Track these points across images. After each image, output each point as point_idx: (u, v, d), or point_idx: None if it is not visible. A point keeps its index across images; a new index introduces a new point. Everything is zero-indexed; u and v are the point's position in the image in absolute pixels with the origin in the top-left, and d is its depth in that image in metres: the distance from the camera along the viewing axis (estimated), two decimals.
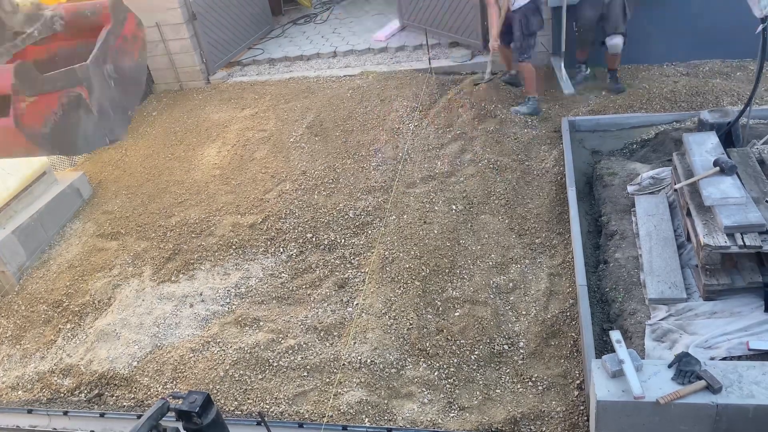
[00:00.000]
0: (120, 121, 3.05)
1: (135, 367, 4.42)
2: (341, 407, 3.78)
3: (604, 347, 3.73)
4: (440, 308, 4.38)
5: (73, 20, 3.00)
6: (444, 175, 5.76)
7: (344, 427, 3.66)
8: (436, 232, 5.05)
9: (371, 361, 4.05)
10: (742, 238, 3.51)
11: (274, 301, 4.71)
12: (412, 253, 4.88)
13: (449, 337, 4.13)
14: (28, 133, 2.38)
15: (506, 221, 5.08)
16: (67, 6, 3.06)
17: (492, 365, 3.94)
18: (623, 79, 6.65)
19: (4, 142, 2.63)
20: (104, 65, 2.91)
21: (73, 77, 2.69)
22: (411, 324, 4.28)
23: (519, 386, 3.78)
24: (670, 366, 2.96)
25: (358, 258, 4.97)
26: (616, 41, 6.31)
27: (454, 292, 4.48)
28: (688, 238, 4.00)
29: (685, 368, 2.91)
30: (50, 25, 2.94)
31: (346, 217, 5.42)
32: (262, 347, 4.31)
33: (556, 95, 6.67)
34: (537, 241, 4.83)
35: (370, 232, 5.24)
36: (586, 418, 3.47)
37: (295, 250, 5.19)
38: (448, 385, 3.85)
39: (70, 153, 3.21)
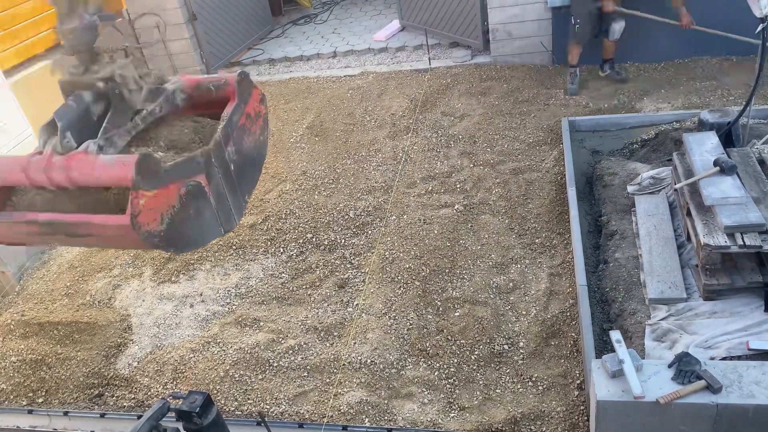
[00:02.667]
0: (236, 207, 2.72)
1: (135, 367, 4.42)
2: (341, 407, 3.78)
3: (604, 347, 3.73)
4: (440, 308, 4.38)
5: (195, 95, 2.73)
6: (444, 175, 5.76)
7: (344, 428, 3.66)
8: (436, 232, 5.06)
9: (371, 361, 4.05)
10: (742, 238, 3.51)
11: (274, 302, 4.71)
12: (412, 253, 4.88)
13: (449, 337, 4.13)
14: (143, 232, 2.08)
15: (506, 221, 5.08)
16: (190, 79, 2.78)
17: (492, 365, 3.94)
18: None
19: (117, 240, 2.36)
20: (226, 148, 2.60)
21: (196, 165, 2.38)
22: (411, 324, 4.28)
23: (519, 386, 3.78)
24: (670, 366, 2.96)
25: (358, 258, 4.97)
26: (621, 24, 6.22)
27: (454, 292, 4.48)
28: (688, 238, 3.99)
29: (685, 368, 2.90)
30: (172, 101, 2.65)
31: (346, 217, 5.43)
32: (262, 347, 4.31)
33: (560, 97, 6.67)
34: (537, 241, 4.83)
35: (370, 232, 5.24)
36: (586, 418, 3.47)
37: (295, 251, 5.19)
38: (448, 385, 3.85)
39: (185, 250, 2.79)
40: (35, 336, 4.77)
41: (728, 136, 4.46)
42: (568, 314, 4.13)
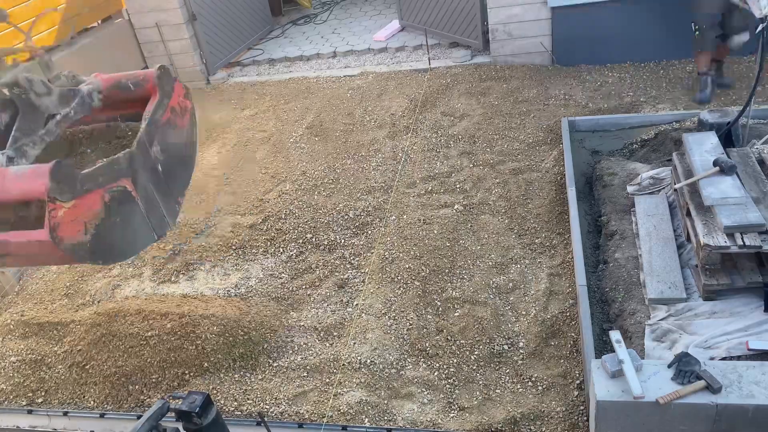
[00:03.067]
0: (168, 210, 2.56)
1: (135, 366, 4.41)
2: (341, 407, 3.78)
3: (603, 347, 3.73)
4: (440, 308, 4.38)
5: (113, 94, 2.57)
6: (444, 175, 5.76)
7: (344, 428, 3.66)
8: (435, 232, 5.06)
9: (371, 361, 4.05)
10: (742, 238, 3.51)
11: (273, 302, 4.71)
12: (412, 253, 4.88)
13: (449, 337, 4.13)
14: (65, 245, 1.95)
15: (506, 221, 5.09)
16: (106, 78, 2.61)
17: (492, 365, 3.94)
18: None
19: (40, 258, 2.19)
20: (151, 147, 2.43)
21: (118, 169, 2.21)
22: (411, 324, 4.28)
23: (519, 386, 3.78)
24: (669, 366, 2.96)
25: (358, 258, 4.97)
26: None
27: (454, 293, 4.48)
28: (688, 238, 3.99)
29: (684, 368, 2.90)
30: (88, 103, 2.49)
31: (346, 217, 5.43)
32: (262, 347, 4.31)
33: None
34: (537, 241, 4.83)
35: (370, 232, 5.24)
36: (585, 418, 3.47)
37: (295, 251, 5.19)
38: (447, 386, 3.85)
39: (115, 261, 2.61)
40: (35, 336, 4.77)
41: (728, 137, 4.46)
42: (568, 314, 4.13)
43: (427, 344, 4.11)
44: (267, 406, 3.90)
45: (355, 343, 4.22)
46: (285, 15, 10.70)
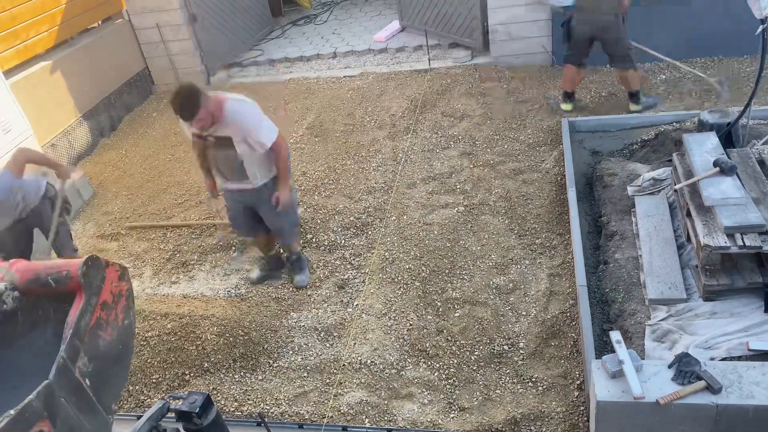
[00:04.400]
0: (100, 423, 2.16)
1: (136, 366, 4.41)
2: (341, 408, 3.77)
3: (604, 348, 3.73)
4: (440, 309, 4.38)
5: (32, 290, 2.17)
6: (444, 176, 5.76)
7: (344, 428, 3.66)
8: (436, 232, 5.06)
9: (371, 361, 4.05)
10: (742, 239, 3.51)
11: (273, 302, 4.71)
12: (412, 253, 4.88)
13: (449, 337, 4.13)
14: None
15: (506, 222, 5.09)
16: (23, 270, 2.18)
17: (492, 366, 3.94)
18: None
19: None
20: (76, 364, 2.01)
21: (32, 414, 1.80)
22: (411, 325, 4.28)
23: (519, 387, 3.77)
24: (670, 366, 2.96)
25: (358, 259, 4.97)
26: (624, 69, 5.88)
27: (454, 293, 4.48)
28: (688, 239, 3.99)
29: (685, 368, 2.90)
30: (0, 304, 2.10)
31: (346, 217, 5.43)
32: (262, 348, 4.31)
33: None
34: (537, 241, 4.83)
35: (370, 232, 5.24)
36: (586, 418, 3.47)
37: None
38: (448, 386, 3.85)
39: None
40: None
41: (728, 137, 4.46)
42: (568, 315, 4.13)
43: (427, 345, 4.11)
44: (267, 407, 3.89)
45: (355, 343, 4.22)
46: (285, 15, 10.71)
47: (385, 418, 3.70)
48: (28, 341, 2.24)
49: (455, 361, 3.98)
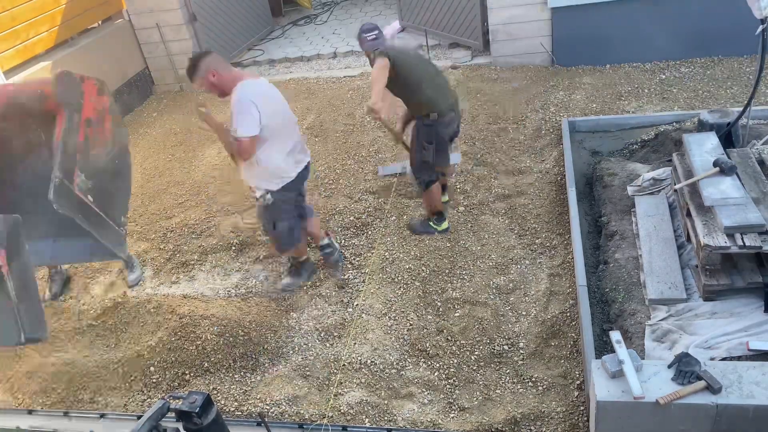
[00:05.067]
0: (112, 237, 2.14)
1: (136, 367, 4.41)
2: (341, 408, 3.78)
3: (604, 348, 3.73)
4: (440, 309, 4.38)
5: (9, 114, 2.08)
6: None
7: (344, 428, 3.66)
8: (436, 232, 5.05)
9: (371, 361, 4.05)
10: (742, 239, 3.51)
11: (273, 302, 4.71)
12: (412, 253, 4.88)
13: (449, 337, 4.13)
14: None
15: (506, 222, 5.09)
16: None
17: (492, 366, 3.94)
18: None
19: None
20: (74, 181, 1.94)
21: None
22: (411, 324, 4.28)
23: (519, 387, 3.77)
24: (669, 366, 2.96)
25: (358, 258, 4.97)
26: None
27: (454, 293, 4.48)
28: (688, 239, 4.00)
29: (684, 368, 2.90)
30: None
31: (346, 217, 5.43)
32: (262, 347, 4.31)
33: None
34: (537, 241, 4.83)
35: (370, 232, 5.24)
36: (586, 418, 3.47)
37: None
38: (448, 386, 3.85)
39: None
40: None
41: (728, 137, 4.46)
42: (568, 315, 4.13)
43: (427, 344, 4.11)
44: (267, 407, 3.90)
45: (355, 343, 4.22)
46: (285, 15, 10.72)
47: (385, 417, 3.70)
48: (27, 165, 2.18)
49: (455, 361, 3.98)
